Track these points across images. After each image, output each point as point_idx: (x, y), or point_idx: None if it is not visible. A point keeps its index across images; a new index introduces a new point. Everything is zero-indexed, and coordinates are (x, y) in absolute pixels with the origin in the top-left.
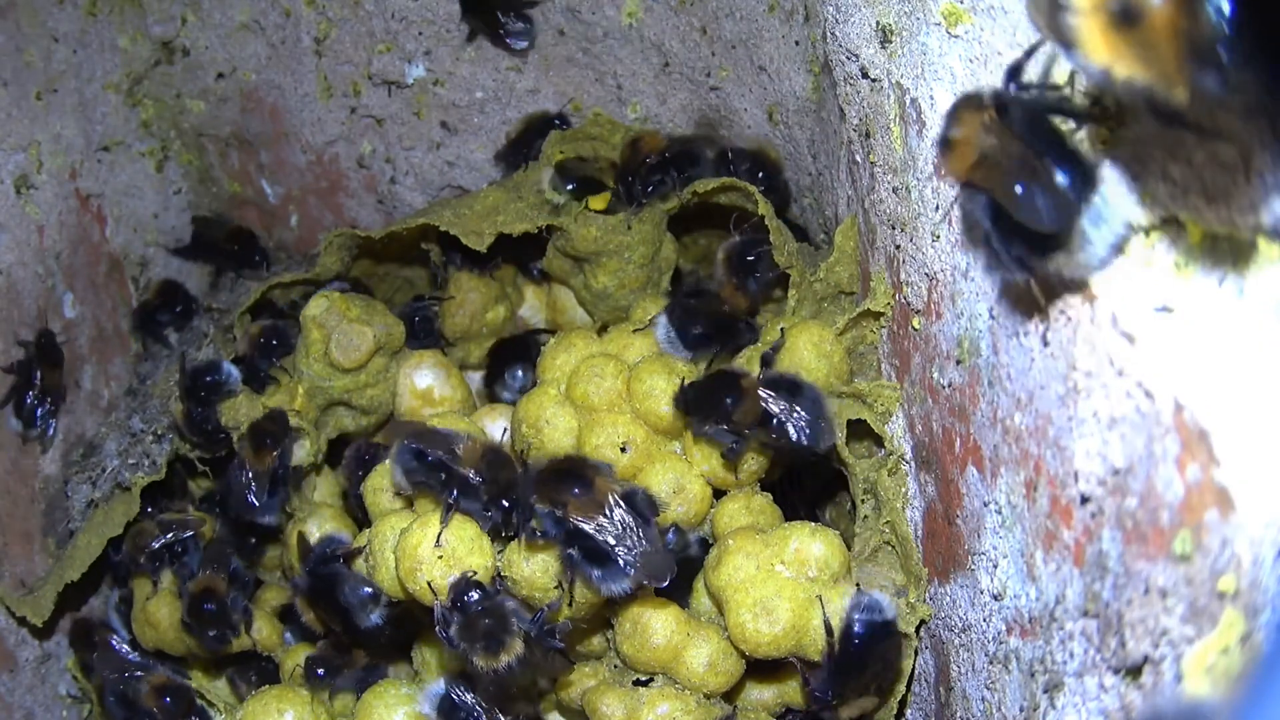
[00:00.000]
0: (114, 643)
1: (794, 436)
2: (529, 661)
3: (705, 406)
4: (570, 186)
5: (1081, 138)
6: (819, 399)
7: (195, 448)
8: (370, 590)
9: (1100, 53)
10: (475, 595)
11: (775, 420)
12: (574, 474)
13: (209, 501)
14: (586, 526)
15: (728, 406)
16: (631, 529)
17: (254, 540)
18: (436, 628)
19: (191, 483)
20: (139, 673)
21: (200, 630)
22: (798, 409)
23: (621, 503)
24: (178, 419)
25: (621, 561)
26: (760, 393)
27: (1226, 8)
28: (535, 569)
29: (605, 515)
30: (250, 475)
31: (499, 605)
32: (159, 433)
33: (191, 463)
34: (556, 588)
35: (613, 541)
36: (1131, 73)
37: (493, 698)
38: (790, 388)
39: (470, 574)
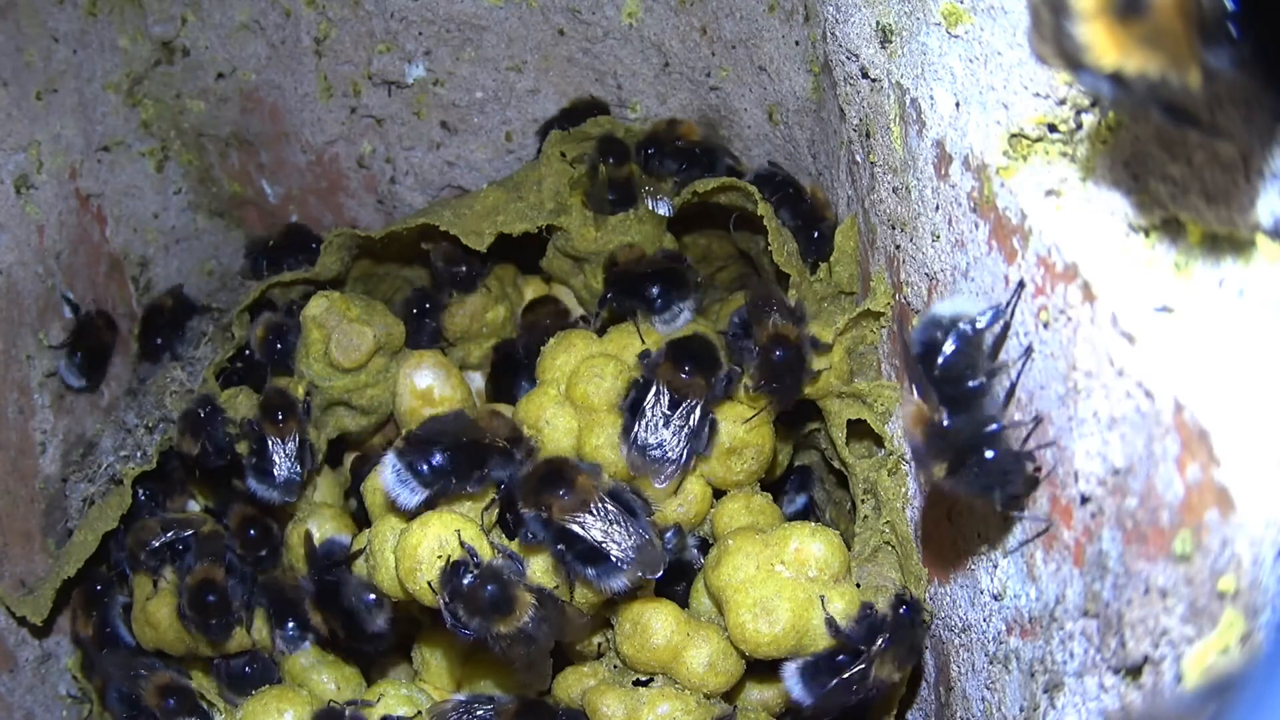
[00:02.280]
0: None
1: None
2: (546, 617)
3: (683, 358)
4: (612, 197)
5: None
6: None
7: (213, 468)
8: (374, 597)
9: (1110, 54)
10: (463, 569)
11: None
12: (556, 476)
13: (212, 514)
14: (574, 526)
15: (687, 371)
16: (619, 523)
17: (261, 545)
18: (449, 625)
19: (195, 491)
20: (143, 672)
21: (201, 621)
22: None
23: (607, 499)
24: (193, 455)
25: (614, 557)
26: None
27: None
28: (536, 569)
29: (591, 513)
30: (276, 449)
31: (491, 568)
32: (150, 425)
33: (187, 458)
34: (557, 587)
35: (600, 538)
36: (1143, 65)
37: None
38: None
39: (449, 558)
